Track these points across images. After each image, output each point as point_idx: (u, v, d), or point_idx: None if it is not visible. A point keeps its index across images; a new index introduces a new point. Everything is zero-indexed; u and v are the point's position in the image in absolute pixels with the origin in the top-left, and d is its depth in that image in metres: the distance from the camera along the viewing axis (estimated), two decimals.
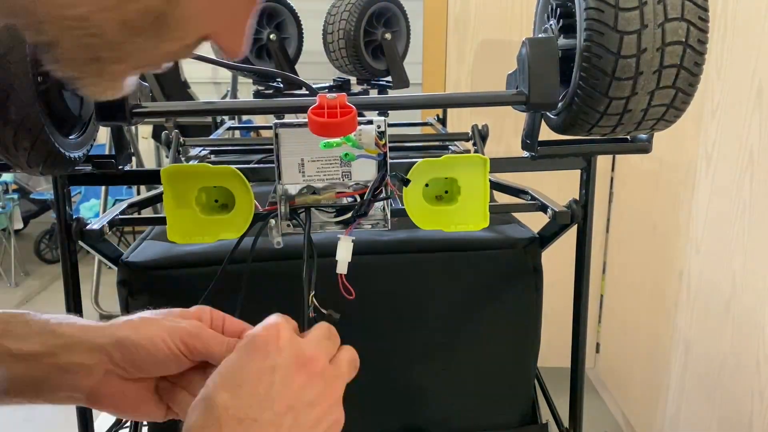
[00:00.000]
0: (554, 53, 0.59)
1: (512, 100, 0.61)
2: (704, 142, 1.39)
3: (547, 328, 0.91)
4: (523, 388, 0.91)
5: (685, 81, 0.57)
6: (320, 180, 0.60)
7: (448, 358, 0.86)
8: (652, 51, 0.56)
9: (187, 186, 0.64)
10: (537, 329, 0.88)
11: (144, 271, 0.78)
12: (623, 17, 0.55)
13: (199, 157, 1.11)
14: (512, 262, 0.84)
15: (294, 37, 1.51)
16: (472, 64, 1.89)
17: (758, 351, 1.20)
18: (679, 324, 1.52)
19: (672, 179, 1.55)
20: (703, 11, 0.56)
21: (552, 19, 0.66)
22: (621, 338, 1.96)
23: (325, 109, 0.52)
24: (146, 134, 3.20)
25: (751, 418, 1.23)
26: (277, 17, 1.47)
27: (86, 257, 0.92)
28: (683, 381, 1.51)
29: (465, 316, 0.85)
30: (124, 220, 0.77)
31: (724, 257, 1.32)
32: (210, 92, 3.36)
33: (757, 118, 1.20)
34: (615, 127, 0.62)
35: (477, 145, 1.16)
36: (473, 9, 1.85)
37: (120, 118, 0.60)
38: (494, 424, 0.89)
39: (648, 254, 1.72)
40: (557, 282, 0.97)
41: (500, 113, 0.79)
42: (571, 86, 0.61)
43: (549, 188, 0.82)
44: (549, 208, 0.78)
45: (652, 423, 1.67)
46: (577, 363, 0.85)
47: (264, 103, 0.96)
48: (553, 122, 0.68)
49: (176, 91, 2.58)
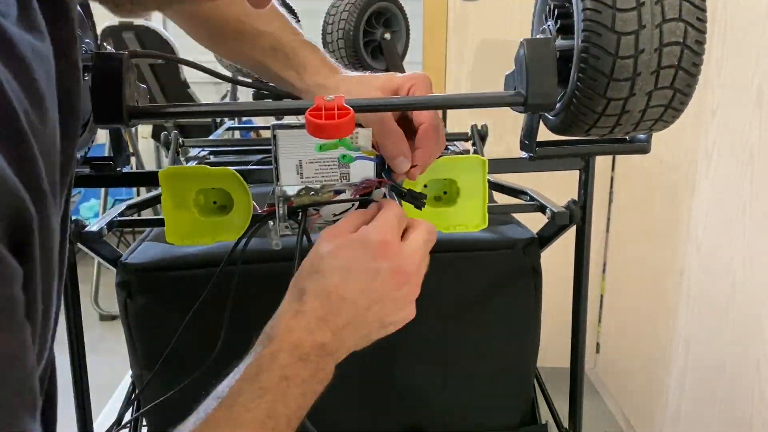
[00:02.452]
0: (552, 54, 0.59)
1: (510, 101, 0.61)
2: (704, 142, 1.39)
3: (547, 328, 0.91)
4: (523, 388, 0.91)
5: (683, 81, 0.57)
6: (318, 181, 0.60)
7: (447, 358, 0.86)
8: (650, 52, 0.56)
9: (186, 188, 0.64)
10: (537, 329, 0.88)
11: (143, 272, 0.78)
12: (621, 18, 0.55)
13: (199, 157, 1.11)
14: (511, 263, 0.84)
15: None
16: (472, 64, 1.89)
17: (758, 351, 1.20)
18: (679, 324, 1.52)
19: (672, 179, 1.55)
20: (701, 12, 0.56)
21: (550, 20, 0.66)
22: (621, 338, 1.96)
23: (323, 111, 0.52)
24: (146, 134, 3.20)
25: (751, 417, 1.22)
26: None
27: (86, 257, 0.91)
28: (683, 381, 1.51)
29: (464, 317, 0.85)
30: (123, 221, 0.77)
31: (724, 257, 1.31)
32: (210, 92, 3.36)
33: (757, 118, 1.20)
34: (613, 128, 0.62)
35: (476, 146, 1.16)
36: (473, 9, 1.85)
37: (118, 120, 0.60)
38: (494, 425, 0.89)
39: (648, 254, 1.72)
40: (557, 282, 0.97)
41: (500, 113, 0.79)
42: (569, 87, 0.61)
43: (549, 189, 0.82)
44: (548, 208, 0.78)
45: (652, 423, 1.67)
46: (577, 363, 0.85)
47: (262, 105, 0.96)
48: (552, 123, 0.68)
49: (176, 91, 2.58)
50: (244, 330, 0.80)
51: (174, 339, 0.69)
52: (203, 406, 0.46)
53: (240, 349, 0.80)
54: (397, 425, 0.87)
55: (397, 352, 0.84)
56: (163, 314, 0.79)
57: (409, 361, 0.85)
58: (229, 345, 0.69)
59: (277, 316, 0.51)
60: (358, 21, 1.45)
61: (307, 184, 0.60)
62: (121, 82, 0.59)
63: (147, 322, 0.79)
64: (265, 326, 0.51)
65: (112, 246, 0.79)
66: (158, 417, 0.83)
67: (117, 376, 1.96)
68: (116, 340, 1.00)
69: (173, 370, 0.71)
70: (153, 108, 0.64)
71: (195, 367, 0.68)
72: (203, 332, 0.68)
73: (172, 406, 0.73)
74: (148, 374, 0.80)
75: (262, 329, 0.51)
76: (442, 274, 0.83)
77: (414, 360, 0.85)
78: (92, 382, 0.79)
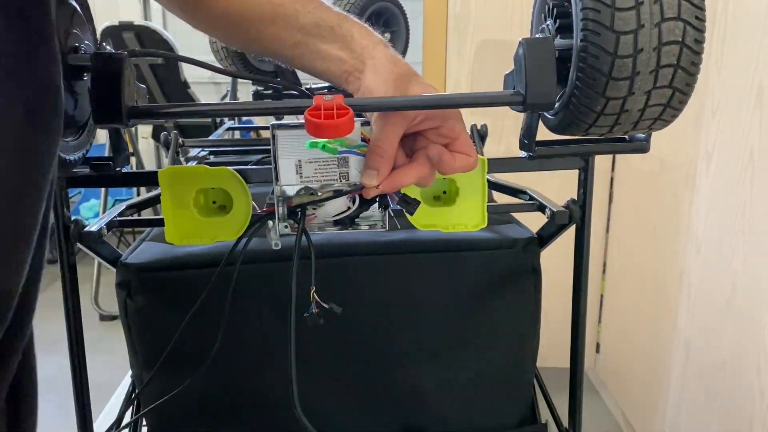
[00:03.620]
0: (551, 53, 0.59)
1: (509, 100, 0.61)
2: (704, 141, 1.39)
3: (547, 328, 0.91)
4: (523, 388, 0.91)
5: (682, 81, 0.57)
6: (318, 181, 0.60)
7: (446, 358, 0.86)
8: (649, 51, 0.56)
9: (185, 188, 0.64)
10: (536, 329, 0.88)
11: (143, 272, 0.78)
12: (620, 17, 0.55)
13: (198, 157, 1.11)
14: (511, 262, 0.84)
15: None
16: (472, 64, 1.89)
17: (758, 351, 1.20)
18: (679, 324, 1.52)
19: (672, 179, 1.55)
20: (700, 11, 0.56)
21: (549, 20, 0.66)
22: (621, 338, 1.96)
23: (322, 110, 0.52)
24: (146, 134, 3.20)
25: (751, 418, 1.22)
26: None
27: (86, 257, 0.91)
28: (683, 381, 1.51)
29: (464, 317, 0.85)
30: (123, 221, 0.77)
31: (724, 257, 1.31)
32: (210, 92, 3.36)
33: (757, 118, 1.20)
34: (612, 127, 0.62)
35: (476, 145, 1.16)
36: (473, 9, 1.85)
37: (117, 119, 0.60)
38: (494, 425, 0.89)
39: (648, 254, 1.72)
40: (557, 282, 0.97)
41: (500, 113, 0.79)
42: (568, 86, 0.61)
43: (549, 188, 0.82)
44: (547, 208, 0.78)
45: (652, 423, 1.67)
46: (576, 363, 0.85)
47: (262, 105, 0.96)
48: (551, 122, 0.68)
49: (176, 91, 2.58)
50: (243, 330, 0.80)
51: (174, 339, 0.69)
52: None
53: (239, 348, 0.80)
54: (396, 425, 0.87)
55: (396, 352, 0.84)
56: (163, 314, 0.79)
57: (409, 361, 0.85)
58: (229, 345, 0.69)
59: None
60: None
61: (306, 184, 0.60)
62: (120, 82, 0.59)
63: (147, 322, 0.79)
64: (266, 328, 0.50)
65: (112, 246, 0.79)
66: (158, 417, 0.83)
67: (117, 376, 1.96)
68: (116, 340, 1.00)
69: (173, 370, 0.71)
70: (153, 108, 0.64)
71: (195, 367, 0.68)
72: (203, 332, 0.68)
73: (172, 406, 0.73)
74: (148, 374, 0.80)
75: (262, 331, 0.51)
76: (441, 274, 0.83)
77: (413, 359, 0.85)
78: (92, 382, 0.79)
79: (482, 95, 0.62)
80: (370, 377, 0.85)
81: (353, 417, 0.87)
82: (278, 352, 0.77)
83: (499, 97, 0.62)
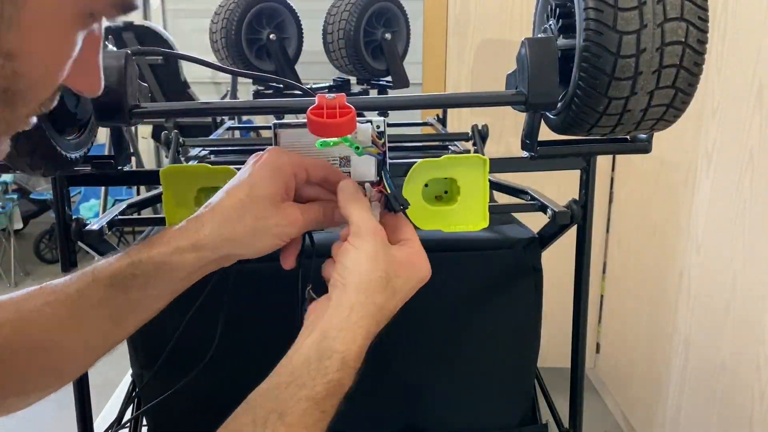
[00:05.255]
0: (553, 53, 0.59)
1: (511, 100, 0.61)
2: (704, 142, 1.39)
3: (547, 328, 0.91)
4: (523, 388, 0.91)
5: (685, 81, 0.57)
6: None
7: (447, 358, 0.86)
8: (652, 51, 0.56)
9: (186, 187, 0.64)
10: (537, 329, 0.88)
11: None
12: (622, 17, 0.55)
13: (199, 157, 1.11)
14: (512, 262, 0.84)
15: (294, 37, 1.51)
16: (472, 64, 1.89)
17: (758, 351, 1.20)
18: (679, 324, 1.52)
19: (672, 179, 1.55)
20: (703, 11, 0.56)
21: (551, 19, 0.66)
22: (621, 338, 1.96)
23: (324, 110, 0.52)
24: (146, 134, 3.20)
25: (751, 418, 1.22)
26: (277, 17, 1.47)
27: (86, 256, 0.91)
28: (683, 381, 1.51)
29: (465, 316, 0.85)
30: (124, 220, 0.77)
31: (724, 257, 1.32)
32: (210, 92, 3.37)
33: (757, 118, 1.20)
34: (614, 127, 0.62)
35: (477, 145, 1.16)
36: (473, 9, 1.85)
37: (119, 118, 0.60)
38: (494, 424, 0.89)
39: (648, 254, 1.72)
40: (557, 282, 0.97)
41: (500, 113, 0.79)
42: (570, 86, 0.61)
43: (549, 188, 0.82)
44: (548, 208, 0.77)
45: (652, 423, 1.67)
46: (577, 363, 0.85)
47: (263, 104, 0.96)
48: (553, 122, 0.68)
49: (176, 91, 2.58)
50: (243, 329, 0.80)
51: (174, 339, 0.69)
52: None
53: (238, 348, 0.80)
54: (396, 425, 0.87)
55: (397, 352, 0.84)
56: (163, 314, 0.79)
57: (409, 361, 0.85)
58: (228, 344, 0.69)
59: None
60: (359, 21, 1.45)
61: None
62: (122, 81, 0.59)
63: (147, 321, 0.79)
64: (265, 326, 0.50)
65: (112, 245, 0.79)
66: (158, 416, 0.83)
67: (117, 375, 1.96)
68: None
69: (173, 369, 0.71)
70: (154, 106, 0.64)
71: (194, 367, 0.68)
72: (202, 332, 0.68)
73: (171, 405, 0.73)
74: (147, 373, 0.80)
75: (261, 329, 0.51)
76: (442, 274, 0.83)
77: (414, 359, 0.85)
78: (92, 382, 0.79)
79: (485, 95, 0.62)
80: (369, 376, 0.85)
81: (354, 416, 0.86)
82: (278, 351, 0.77)
83: (502, 97, 0.62)
